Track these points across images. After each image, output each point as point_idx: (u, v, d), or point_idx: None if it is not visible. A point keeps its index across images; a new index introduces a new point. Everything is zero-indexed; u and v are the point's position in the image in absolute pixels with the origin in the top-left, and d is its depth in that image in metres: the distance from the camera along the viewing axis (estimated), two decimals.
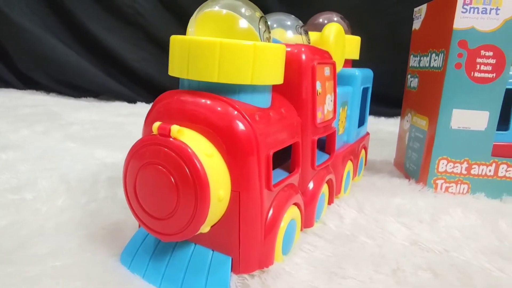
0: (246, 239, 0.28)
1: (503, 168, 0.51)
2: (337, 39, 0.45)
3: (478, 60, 0.48)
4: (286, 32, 0.39)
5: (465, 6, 0.47)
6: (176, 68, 0.29)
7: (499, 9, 0.47)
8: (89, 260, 0.31)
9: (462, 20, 0.47)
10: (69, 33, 1.11)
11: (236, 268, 0.29)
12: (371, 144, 0.78)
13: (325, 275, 0.31)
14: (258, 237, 0.29)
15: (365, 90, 0.56)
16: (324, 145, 0.43)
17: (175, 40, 0.29)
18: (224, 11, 0.29)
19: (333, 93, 0.41)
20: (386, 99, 1.04)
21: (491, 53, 0.48)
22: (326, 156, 0.42)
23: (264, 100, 0.31)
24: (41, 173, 0.48)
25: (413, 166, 0.56)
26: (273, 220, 0.30)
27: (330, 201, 0.44)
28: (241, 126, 0.27)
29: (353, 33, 0.56)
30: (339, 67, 0.47)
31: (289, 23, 0.39)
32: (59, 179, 0.46)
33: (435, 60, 0.52)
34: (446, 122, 0.50)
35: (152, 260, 0.30)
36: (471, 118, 0.50)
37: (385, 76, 0.79)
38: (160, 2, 1.07)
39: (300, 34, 0.38)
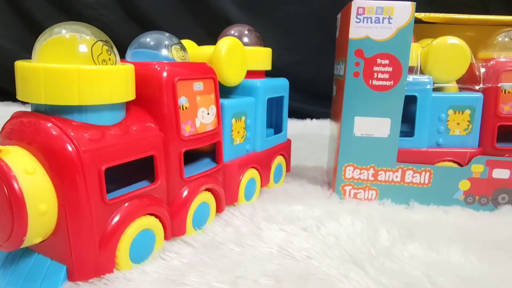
0: (77, 249, 0.30)
1: (409, 174, 0.51)
2: (231, 52, 0.47)
3: (375, 68, 0.49)
4: (161, 50, 0.41)
5: (358, 16, 0.48)
6: (18, 92, 0.32)
7: (392, 18, 0.47)
8: None
9: (356, 30, 0.48)
10: None
11: (72, 276, 0.31)
12: (320, 148, 0.79)
13: (162, 282, 0.32)
14: (91, 247, 0.31)
15: (277, 100, 0.57)
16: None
17: (16, 66, 0.32)
18: (60, 36, 0.32)
19: (213, 106, 0.42)
20: None
21: (387, 61, 0.49)
22: (208, 166, 0.43)
23: (107, 118, 0.33)
24: None
25: (330, 173, 0.57)
26: (113, 230, 0.32)
27: (218, 209, 0.45)
28: (61, 144, 0.29)
29: (315, 37, 0.55)
30: (237, 79, 0.49)
31: (166, 42, 0.41)
32: None
33: (341, 68, 0.53)
34: (349, 130, 0.51)
35: (2, 268, 0.32)
36: (373, 125, 0.51)
37: None
38: (126, 13, 1.11)
39: (171, 51, 0.40)
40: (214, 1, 1.11)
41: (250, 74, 0.52)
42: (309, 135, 0.94)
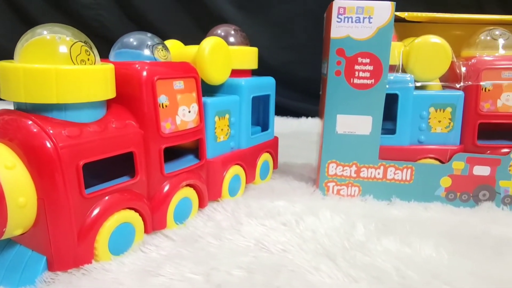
0: (56, 241, 0.32)
1: (391, 170, 0.52)
2: (214, 52, 0.48)
3: (356, 67, 0.50)
4: (144, 50, 0.42)
5: (339, 16, 0.49)
6: (1, 91, 0.33)
7: (372, 18, 0.48)
8: None
9: (338, 29, 0.49)
10: None
11: (51, 266, 0.33)
12: (312, 146, 0.80)
13: (138, 273, 0.34)
14: (70, 239, 0.32)
15: (263, 98, 0.58)
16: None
17: None
18: (40, 38, 0.33)
19: (194, 104, 0.44)
20: None
21: (368, 60, 0.49)
22: (190, 162, 0.45)
23: (86, 115, 0.34)
24: None
25: (315, 170, 0.58)
26: (92, 223, 0.34)
27: (201, 205, 0.46)
28: (40, 141, 0.31)
29: (311, 36, 0.55)
30: (221, 78, 0.50)
31: (148, 42, 0.43)
32: None
33: (325, 67, 0.54)
34: (331, 127, 0.52)
35: None
36: (355, 123, 0.52)
37: None
38: (124, 14, 1.13)
39: (152, 52, 0.42)
40: (212, 1, 1.12)
41: (236, 73, 0.53)
42: (303, 133, 0.95)
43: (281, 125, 1.08)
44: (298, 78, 1.10)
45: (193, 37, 0.64)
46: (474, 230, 0.44)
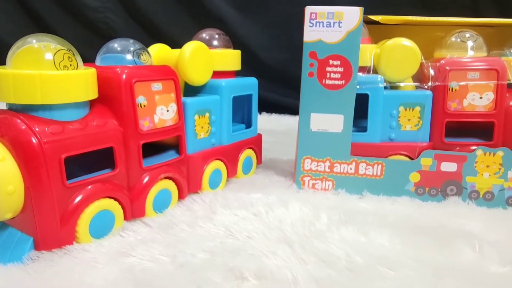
0: (41, 224, 0.37)
1: (362, 166, 0.55)
2: (195, 55, 0.52)
3: (328, 69, 0.53)
4: (126, 55, 0.46)
5: (311, 21, 0.52)
6: None
7: (342, 22, 0.52)
8: None
9: (310, 33, 0.53)
10: None
11: (37, 246, 0.37)
12: None
13: (113, 254, 0.38)
14: (53, 223, 0.37)
15: (245, 97, 0.62)
16: None
17: None
18: (28, 47, 0.38)
19: (172, 104, 0.48)
20: None
21: (338, 62, 0.53)
22: (170, 157, 0.49)
23: (69, 114, 0.39)
24: None
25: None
26: (74, 209, 0.38)
27: (180, 196, 0.51)
28: (27, 137, 0.35)
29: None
30: (202, 79, 0.54)
31: (131, 48, 0.47)
32: None
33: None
34: (306, 125, 0.56)
35: None
36: (327, 121, 0.55)
37: None
38: (131, 17, 1.19)
39: (133, 57, 0.46)
40: (215, 6, 1.17)
41: (219, 74, 0.57)
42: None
43: (278, 123, 1.12)
44: (296, 77, 1.13)
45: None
46: (433, 223, 0.47)
